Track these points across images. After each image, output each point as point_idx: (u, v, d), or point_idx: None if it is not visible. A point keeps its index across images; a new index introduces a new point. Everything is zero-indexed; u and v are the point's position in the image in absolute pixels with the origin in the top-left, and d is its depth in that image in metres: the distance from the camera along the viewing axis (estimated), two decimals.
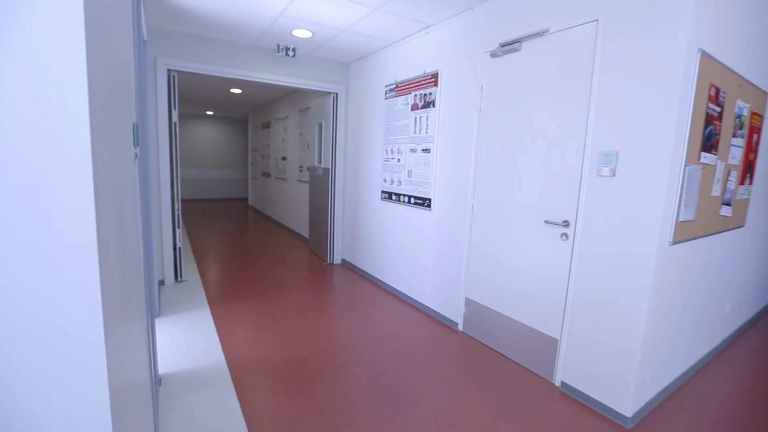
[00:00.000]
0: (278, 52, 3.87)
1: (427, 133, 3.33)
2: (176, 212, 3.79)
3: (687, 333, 2.34)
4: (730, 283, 2.78)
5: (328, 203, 4.75)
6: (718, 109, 2.01)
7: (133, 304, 1.12)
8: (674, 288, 2.08)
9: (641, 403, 2.04)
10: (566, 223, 2.23)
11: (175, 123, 3.68)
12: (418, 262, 3.49)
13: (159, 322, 2.89)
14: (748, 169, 2.61)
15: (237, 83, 6.04)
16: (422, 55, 3.35)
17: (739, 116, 2.26)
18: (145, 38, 2.06)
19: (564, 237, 2.25)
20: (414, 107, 3.48)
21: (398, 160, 3.73)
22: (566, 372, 2.26)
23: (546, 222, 2.34)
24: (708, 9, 1.78)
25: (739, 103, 2.23)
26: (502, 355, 2.66)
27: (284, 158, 7.13)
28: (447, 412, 2.02)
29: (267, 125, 8.21)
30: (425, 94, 3.33)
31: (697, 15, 1.71)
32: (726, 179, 2.31)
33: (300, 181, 6.31)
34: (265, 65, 3.97)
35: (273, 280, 4.07)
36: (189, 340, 2.65)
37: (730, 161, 2.30)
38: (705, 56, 1.80)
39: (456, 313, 3.07)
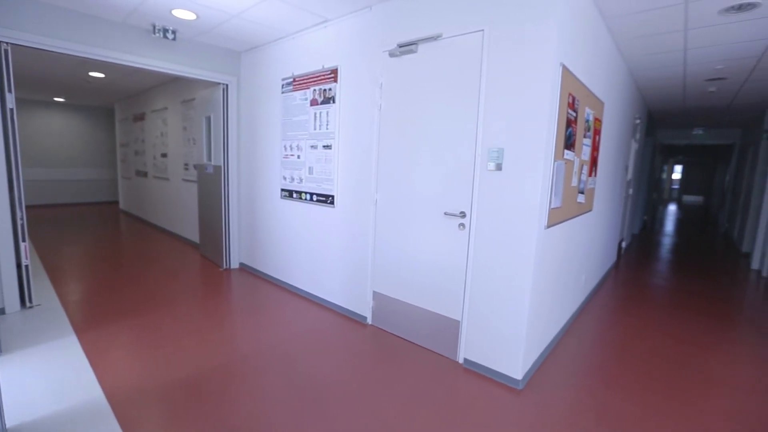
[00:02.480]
0: (154, 33, 3.38)
1: (327, 129, 3.29)
2: (19, 221, 3.04)
3: (557, 302, 2.78)
4: (584, 257, 3.39)
5: (221, 204, 4.36)
6: (575, 114, 2.42)
7: None
8: (548, 265, 2.44)
9: (528, 367, 2.35)
10: (463, 214, 2.43)
11: (12, 109, 2.94)
12: (323, 261, 3.44)
13: (2, 362, 2.30)
14: (594, 164, 3.21)
15: (99, 66, 5.11)
16: (321, 50, 3.29)
17: (587, 120, 2.76)
18: None
19: (461, 227, 2.45)
20: (313, 102, 3.40)
21: (298, 157, 3.61)
22: (468, 349, 2.48)
23: (445, 214, 2.52)
24: (565, 30, 2.12)
25: (587, 110, 2.72)
26: (410, 342, 2.80)
27: (164, 155, 6.30)
28: (364, 406, 2.04)
29: (140, 117, 7.14)
30: (325, 90, 3.28)
31: (558, 34, 2.03)
32: (580, 172, 2.80)
33: (186, 180, 5.65)
34: (137, 47, 3.44)
35: (159, 293, 3.57)
36: (49, 378, 2.16)
37: (583, 157, 2.80)
38: (565, 69, 2.15)
39: (365, 308, 3.11)
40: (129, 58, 3.39)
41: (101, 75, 5.65)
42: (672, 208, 15.94)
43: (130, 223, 7.19)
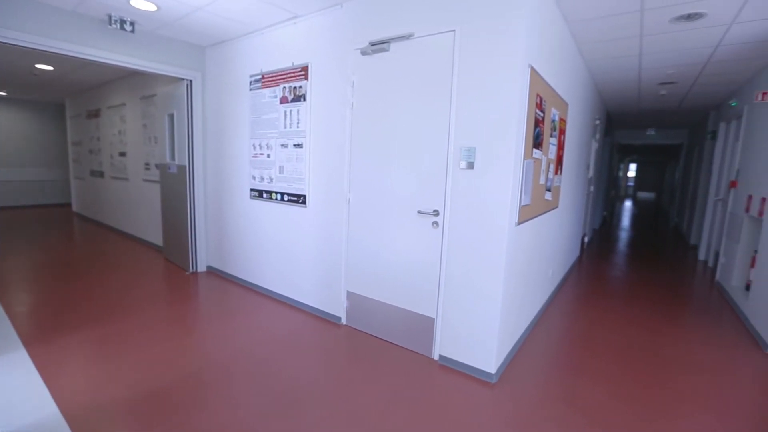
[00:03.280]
0: (110, 24, 3.18)
1: (298, 127, 3.23)
2: None
3: (527, 296, 2.87)
4: (551, 252, 3.52)
5: (186, 205, 4.18)
6: (542, 114, 2.51)
7: None
8: (519, 261, 2.51)
9: (500, 360, 2.41)
10: (436, 213, 2.46)
11: None
12: (296, 262, 3.37)
13: None
14: (559, 162, 3.34)
15: (46, 57, 4.76)
16: (291, 47, 3.22)
17: (553, 120, 2.86)
18: None
19: (435, 225, 2.48)
20: (283, 100, 3.32)
21: (268, 156, 3.52)
22: (443, 346, 2.51)
23: (419, 212, 2.54)
24: (533, 33, 2.18)
25: (553, 110, 2.82)
26: (386, 341, 2.80)
27: (123, 154, 5.97)
28: (342, 408, 2.01)
29: (95, 113, 6.72)
30: (295, 87, 3.22)
31: (527, 37, 2.08)
32: (548, 170, 2.90)
33: (147, 180, 5.38)
34: (91, 38, 3.22)
35: (120, 301, 3.38)
36: None
37: (550, 156, 2.90)
38: (533, 70, 2.21)
39: (338, 308, 3.08)
40: (81, 50, 3.17)
41: (49, 68, 5.27)
42: (628, 204, 16.90)
43: (84, 226, 6.75)
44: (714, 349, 2.87)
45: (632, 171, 21.36)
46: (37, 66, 5.20)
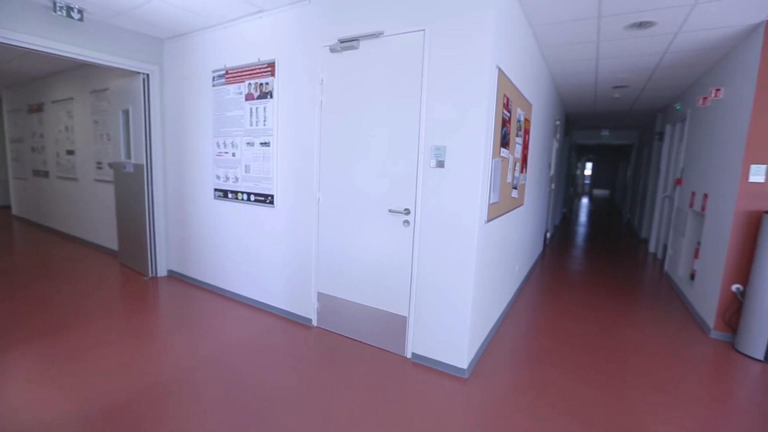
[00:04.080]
0: (56, 10, 2.93)
1: (265, 125, 3.13)
2: None
3: (496, 291, 2.94)
4: (517, 248, 3.63)
5: (144, 206, 3.95)
6: (509, 114, 2.58)
7: None
8: (488, 258, 2.57)
9: (472, 355, 2.46)
10: (407, 211, 2.47)
11: None
12: (264, 263, 3.28)
13: None
14: (524, 161, 3.45)
15: None
16: (256, 42, 3.12)
17: (519, 120, 2.95)
18: None
19: (406, 224, 2.48)
20: (249, 97, 3.21)
21: (233, 155, 3.39)
22: (416, 344, 2.53)
23: (390, 211, 2.53)
24: (500, 35, 2.23)
25: (519, 110, 2.91)
26: (358, 341, 2.78)
27: (71, 152, 5.55)
28: (316, 411, 1.98)
29: (38, 108, 6.20)
30: (261, 84, 3.12)
31: (494, 39, 2.12)
32: (514, 169, 2.99)
33: (99, 180, 5.03)
34: (33, 26, 2.96)
35: (71, 309, 3.14)
36: None
37: (516, 155, 2.99)
38: (500, 71, 2.27)
39: (309, 310, 3.03)
40: (20, 38, 2.90)
41: None
42: (585, 201, 17.82)
43: (28, 231, 6.22)
44: (664, 334, 3.08)
45: (588, 169, 22.53)
46: None
